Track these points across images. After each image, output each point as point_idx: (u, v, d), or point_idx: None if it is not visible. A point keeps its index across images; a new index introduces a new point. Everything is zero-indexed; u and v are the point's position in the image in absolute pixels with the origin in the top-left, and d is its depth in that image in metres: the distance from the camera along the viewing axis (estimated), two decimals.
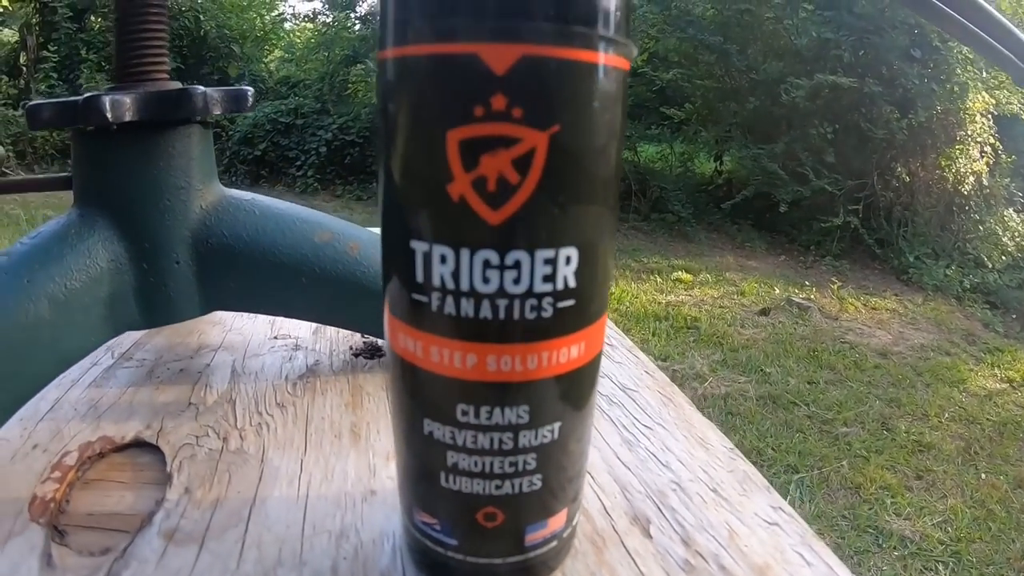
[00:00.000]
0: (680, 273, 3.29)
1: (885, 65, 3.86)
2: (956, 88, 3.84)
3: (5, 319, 0.24)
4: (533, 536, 0.17)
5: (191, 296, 0.28)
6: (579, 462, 0.18)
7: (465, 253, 0.13)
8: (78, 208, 0.28)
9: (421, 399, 0.16)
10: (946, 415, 2.13)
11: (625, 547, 0.21)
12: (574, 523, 0.19)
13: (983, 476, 1.83)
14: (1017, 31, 0.42)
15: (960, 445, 1.97)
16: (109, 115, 0.25)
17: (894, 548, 1.48)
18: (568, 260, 0.14)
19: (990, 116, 3.95)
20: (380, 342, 0.35)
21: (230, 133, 5.01)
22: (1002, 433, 2.08)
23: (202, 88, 0.27)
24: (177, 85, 0.29)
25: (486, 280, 0.14)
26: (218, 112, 0.28)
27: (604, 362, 0.35)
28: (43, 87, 5.09)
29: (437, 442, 0.16)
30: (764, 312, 2.81)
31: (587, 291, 0.15)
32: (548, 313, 0.14)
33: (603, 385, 0.33)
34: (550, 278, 0.14)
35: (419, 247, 0.14)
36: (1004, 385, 2.46)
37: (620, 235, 4.06)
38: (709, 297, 2.99)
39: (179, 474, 0.24)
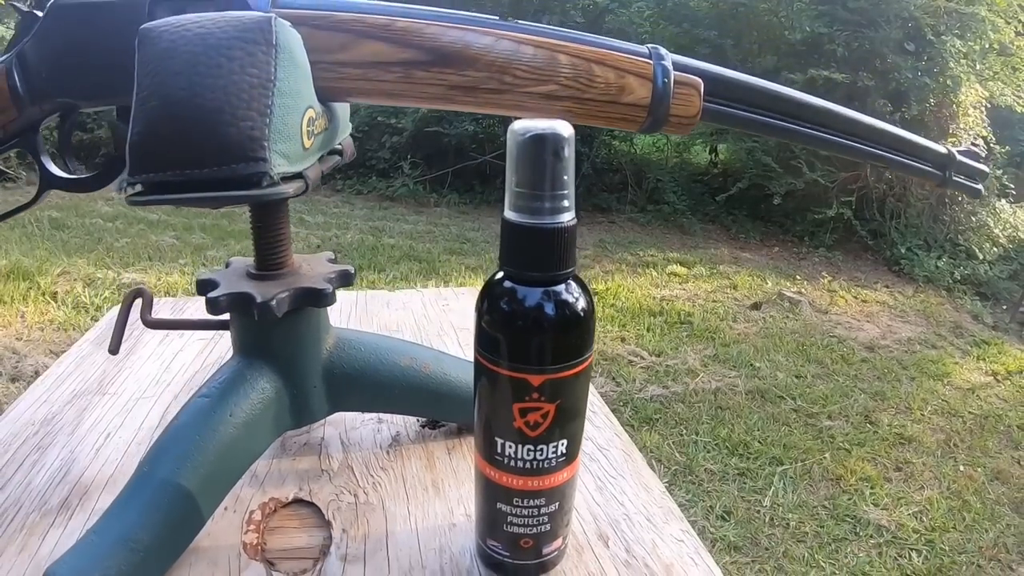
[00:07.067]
0: (675, 266, 3.36)
1: (879, 59, 3.94)
2: (949, 81, 3.91)
3: (221, 441, 0.37)
4: (547, 550, 0.34)
5: (322, 406, 0.43)
6: (568, 513, 0.34)
7: (520, 445, 0.30)
8: (243, 357, 0.40)
9: (495, 494, 0.33)
10: (929, 408, 2.20)
11: (594, 553, 0.37)
12: (566, 540, 0.36)
13: (961, 468, 1.90)
14: (925, 141, 0.49)
15: (940, 438, 2.04)
16: (277, 313, 0.38)
17: (870, 536, 1.57)
18: (564, 443, 0.31)
19: (983, 108, 4.03)
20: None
21: None
22: (983, 426, 2.14)
23: (331, 287, 0.40)
24: (304, 268, 0.44)
25: (528, 454, 0.30)
26: (338, 290, 0.43)
27: (588, 427, 0.51)
28: None
29: (501, 511, 0.33)
30: (756, 306, 2.91)
31: (571, 451, 0.32)
32: (554, 464, 0.31)
33: (587, 445, 0.49)
34: (555, 451, 0.31)
35: (499, 440, 0.31)
36: (988, 378, 2.51)
37: (617, 227, 4.09)
38: (703, 291, 3.07)
39: (335, 521, 0.40)
